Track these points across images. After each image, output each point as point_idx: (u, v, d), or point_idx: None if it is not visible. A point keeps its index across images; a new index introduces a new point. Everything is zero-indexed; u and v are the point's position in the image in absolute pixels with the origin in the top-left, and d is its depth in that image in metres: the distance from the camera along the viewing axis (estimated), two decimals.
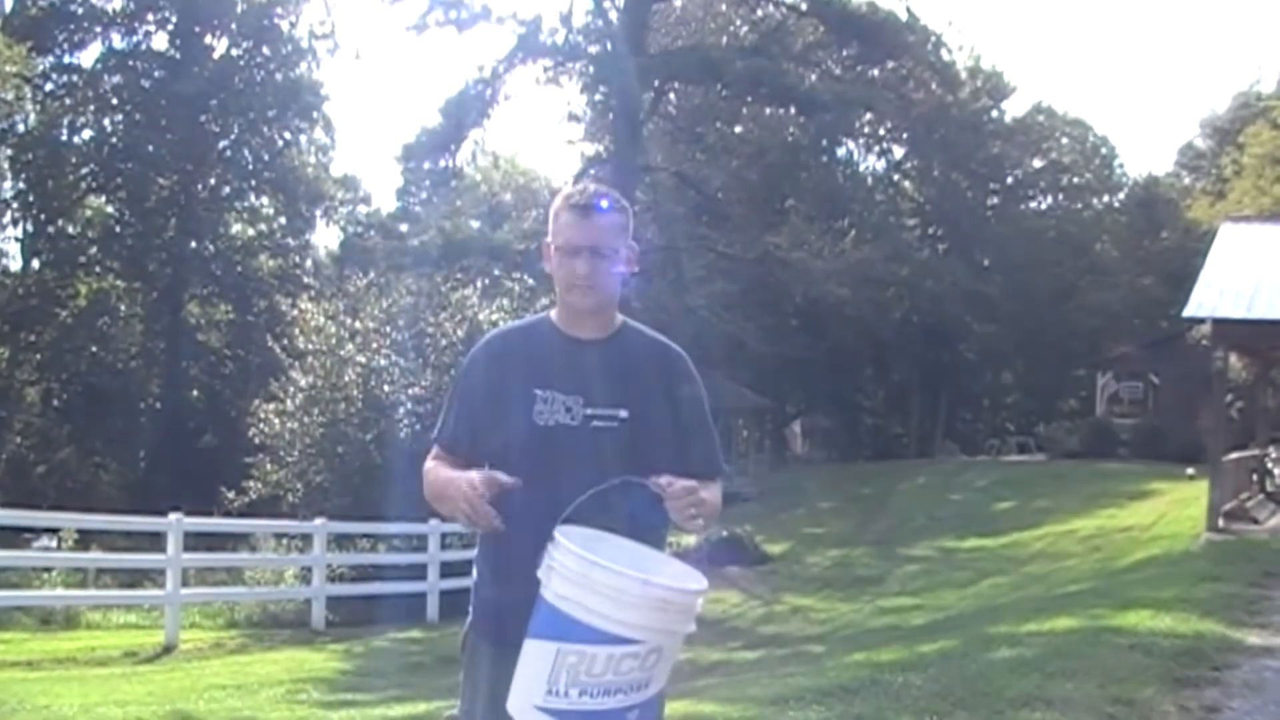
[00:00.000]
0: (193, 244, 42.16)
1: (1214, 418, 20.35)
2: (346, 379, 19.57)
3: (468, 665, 2.93)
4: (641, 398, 2.83)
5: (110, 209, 43.15)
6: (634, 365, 2.87)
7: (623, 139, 32.46)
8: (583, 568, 2.49)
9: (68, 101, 41.27)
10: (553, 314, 2.94)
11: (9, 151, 38.92)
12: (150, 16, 42.03)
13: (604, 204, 2.82)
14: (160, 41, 42.65)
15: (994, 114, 51.64)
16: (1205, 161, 53.64)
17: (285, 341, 21.77)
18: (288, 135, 44.94)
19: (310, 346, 20.27)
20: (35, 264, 41.72)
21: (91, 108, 41.91)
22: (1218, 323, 18.56)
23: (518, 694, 2.58)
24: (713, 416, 2.96)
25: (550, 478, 2.68)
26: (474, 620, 2.94)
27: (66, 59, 41.75)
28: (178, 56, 41.63)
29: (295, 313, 21.59)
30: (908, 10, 34.80)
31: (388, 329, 20.20)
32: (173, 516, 13.19)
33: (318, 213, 46.88)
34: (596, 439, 2.76)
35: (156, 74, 41.74)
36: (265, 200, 46.16)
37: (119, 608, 15.16)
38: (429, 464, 2.91)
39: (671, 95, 39.98)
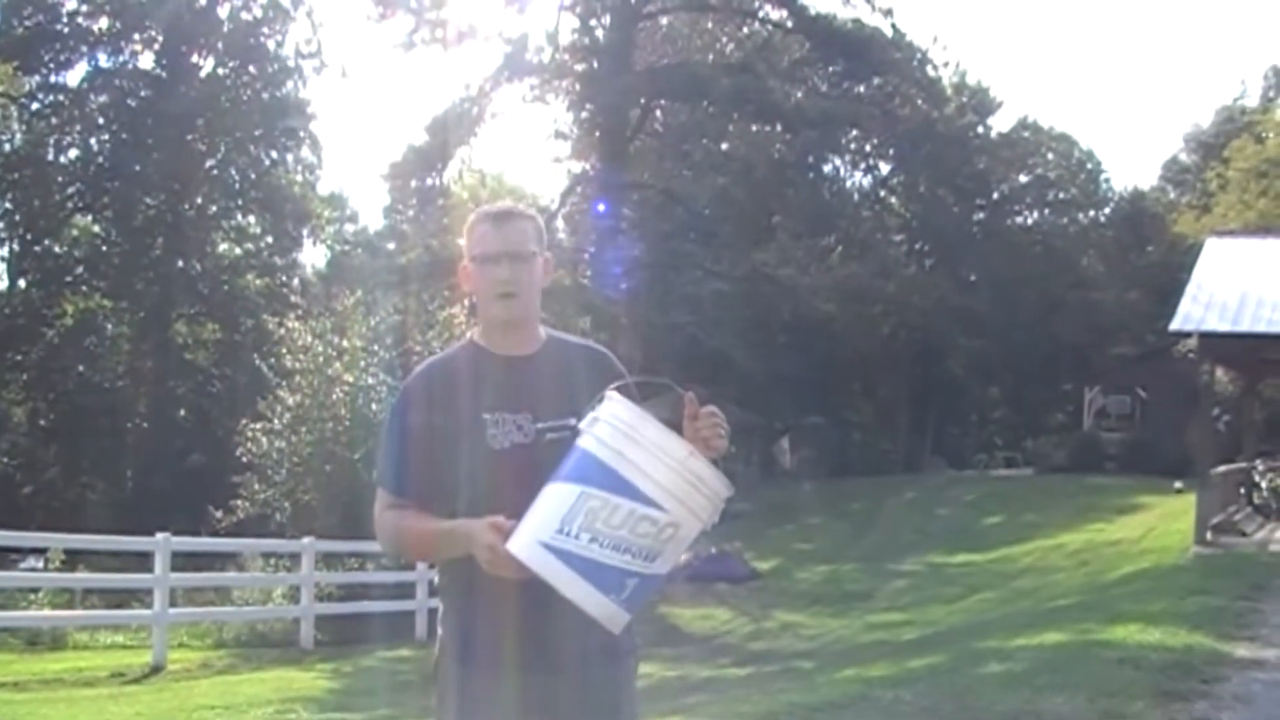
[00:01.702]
0: (180, 263, 42.00)
1: (1201, 431, 20.46)
2: (334, 398, 19.50)
3: (440, 690, 2.90)
4: (585, 403, 2.84)
5: (97, 228, 43.05)
6: (569, 373, 2.90)
7: (609, 156, 32.52)
8: (635, 420, 2.52)
9: (54, 121, 41.17)
10: (476, 338, 2.94)
11: None
12: (136, 36, 41.92)
13: (516, 211, 2.91)
14: (146, 61, 42.60)
15: (980, 129, 51.88)
16: (1190, 175, 53.95)
17: (272, 360, 21.72)
18: (274, 154, 44.89)
19: (297, 365, 20.19)
20: (22, 283, 41.63)
21: (78, 127, 41.82)
22: (1204, 336, 18.64)
23: (522, 533, 2.53)
24: None
25: (514, 498, 2.64)
26: (443, 643, 2.91)
27: (53, 78, 41.64)
28: (164, 76, 41.52)
29: (282, 332, 21.49)
30: (893, 27, 34.95)
31: (375, 347, 20.19)
32: (160, 536, 13.12)
33: (305, 231, 46.80)
34: (553, 451, 2.73)
35: (143, 93, 41.66)
36: (252, 219, 46.07)
37: (106, 628, 15.09)
38: (387, 514, 2.85)
39: (658, 112, 40.07)
